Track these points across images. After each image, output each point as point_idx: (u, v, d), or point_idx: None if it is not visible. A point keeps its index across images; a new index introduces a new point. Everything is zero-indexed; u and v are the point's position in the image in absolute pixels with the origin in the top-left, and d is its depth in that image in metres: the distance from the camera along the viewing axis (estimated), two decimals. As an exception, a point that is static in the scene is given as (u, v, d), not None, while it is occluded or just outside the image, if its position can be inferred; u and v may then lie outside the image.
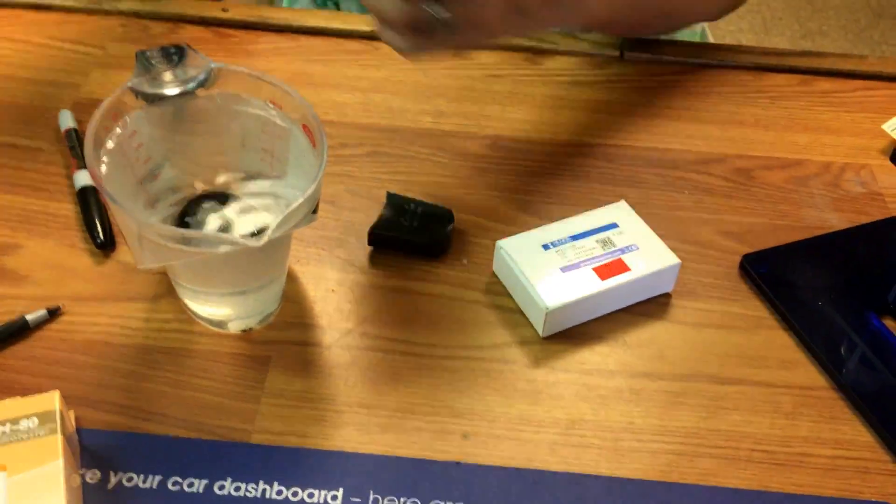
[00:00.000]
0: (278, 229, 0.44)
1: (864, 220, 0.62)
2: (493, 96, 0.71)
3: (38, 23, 0.74)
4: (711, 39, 0.93)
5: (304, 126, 0.51)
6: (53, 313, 0.52)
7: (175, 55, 0.54)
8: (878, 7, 2.38)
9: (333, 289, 0.55)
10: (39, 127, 0.64)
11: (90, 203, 0.57)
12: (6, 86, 0.68)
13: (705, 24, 0.91)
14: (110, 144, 0.50)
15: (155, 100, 0.52)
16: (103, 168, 0.48)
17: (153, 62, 0.53)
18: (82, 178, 0.59)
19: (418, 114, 0.69)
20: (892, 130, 0.68)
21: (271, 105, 0.53)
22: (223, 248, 0.44)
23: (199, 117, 0.54)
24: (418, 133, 0.67)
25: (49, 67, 0.70)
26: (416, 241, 0.57)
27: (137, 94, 0.51)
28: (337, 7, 0.92)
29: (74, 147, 0.61)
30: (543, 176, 0.64)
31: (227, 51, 0.73)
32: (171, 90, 0.52)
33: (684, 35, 0.88)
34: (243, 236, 0.45)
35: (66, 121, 0.63)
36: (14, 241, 0.56)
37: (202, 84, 0.53)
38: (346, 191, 0.62)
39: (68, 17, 0.75)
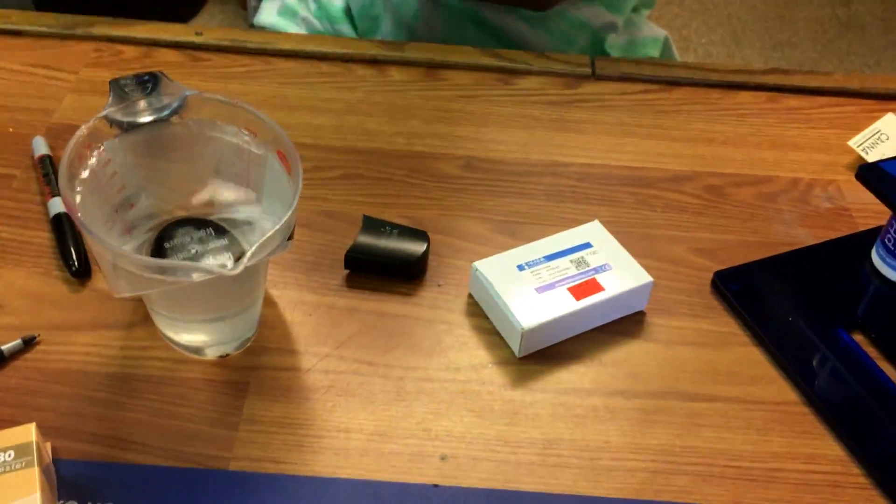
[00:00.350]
0: (254, 257, 0.44)
1: (833, 235, 0.63)
2: (466, 117, 0.72)
3: (11, 48, 0.74)
4: (677, 54, 0.94)
5: (279, 152, 0.51)
6: (29, 342, 0.52)
7: (149, 83, 0.54)
8: (846, 18, 2.42)
9: (310, 313, 0.56)
10: (12, 154, 0.64)
11: (65, 231, 0.57)
12: (-21, 113, 0.67)
13: (668, 38, 0.92)
14: (85, 173, 0.50)
15: (129, 128, 0.52)
16: (78, 198, 0.48)
17: (127, 90, 0.53)
18: (56, 206, 0.59)
19: (393, 135, 0.69)
20: (858, 146, 0.69)
21: (245, 132, 0.53)
22: (199, 277, 0.44)
23: (174, 144, 0.54)
24: (393, 155, 0.67)
25: (22, 93, 0.69)
26: (392, 263, 0.58)
27: (112, 122, 0.51)
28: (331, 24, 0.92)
29: (48, 174, 0.61)
30: (518, 196, 0.65)
31: (202, 75, 0.73)
32: (145, 118, 0.52)
33: (647, 48, 0.90)
34: (219, 265, 0.45)
35: (40, 147, 0.63)
36: (-12, 270, 0.56)
37: (176, 111, 0.53)
38: (321, 214, 0.62)
39: (41, 42, 0.75)
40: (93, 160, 0.51)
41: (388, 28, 0.88)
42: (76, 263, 0.56)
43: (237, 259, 0.45)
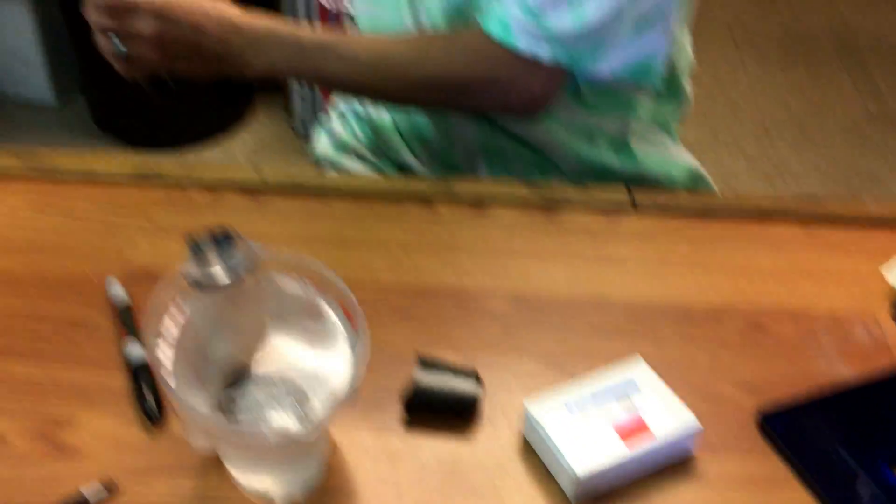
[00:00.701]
0: (325, 417, 0.48)
1: (873, 369, 0.65)
2: (512, 252, 0.75)
3: (90, 193, 0.79)
4: (712, 182, 0.97)
5: (344, 308, 0.55)
6: (109, 489, 0.55)
7: (223, 241, 0.59)
8: (878, 112, 2.46)
9: (370, 454, 0.58)
10: (90, 296, 0.69)
11: (142, 377, 0.61)
12: (61, 260, 0.73)
13: (698, 167, 0.96)
14: (164, 328, 0.54)
15: (206, 288, 0.56)
16: (158, 352, 0.52)
17: (203, 248, 0.58)
18: (133, 351, 0.63)
19: (443, 273, 0.73)
20: (892, 276, 0.71)
21: (313, 287, 0.57)
22: (275, 440, 0.48)
23: (246, 300, 0.58)
24: (445, 293, 0.71)
25: (99, 239, 0.75)
26: (448, 405, 0.60)
27: (189, 280, 0.56)
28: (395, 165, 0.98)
29: (124, 318, 0.65)
30: (564, 332, 0.68)
31: (264, 217, 0.78)
32: (221, 280, 0.57)
33: (676, 171, 0.93)
34: (294, 428, 0.49)
35: (115, 291, 0.68)
36: (70, 416, 0.60)
37: (249, 270, 0.58)
38: (376, 352, 0.65)
39: (116, 188, 0.80)
40: (171, 316, 0.55)
41: (433, 135, 0.93)
42: (153, 410, 0.59)
43: (305, 411, 0.48)
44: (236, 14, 0.78)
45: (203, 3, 0.76)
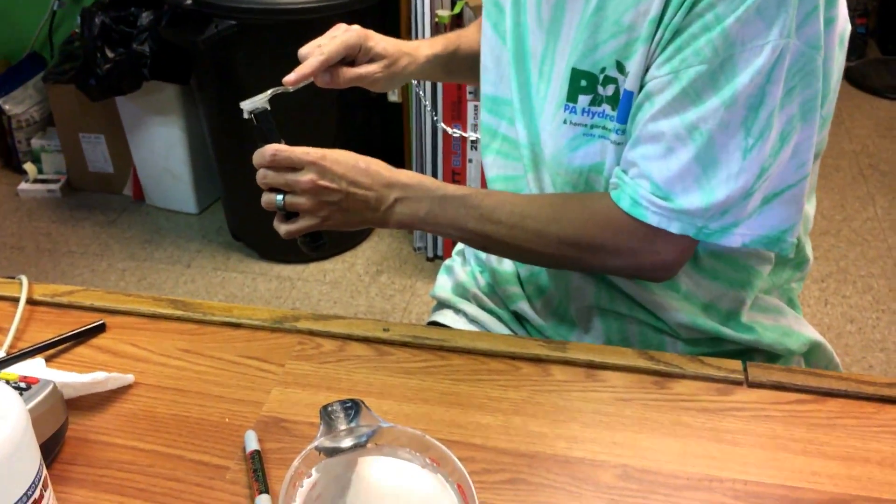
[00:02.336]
0: None
1: None
2: (623, 422, 0.77)
3: (230, 339, 0.87)
4: (836, 358, 0.96)
5: (459, 486, 0.59)
6: None
7: (351, 409, 0.64)
8: None
9: None
10: (227, 444, 0.75)
11: (268, 530, 0.66)
12: (202, 402, 0.79)
13: (819, 339, 0.95)
14: (297, 496, 0.59)
15: (333, 453, 0.61)
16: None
17: (333, 417, 0.63)
18: (263, 503, 0.68)
19: (555, 439, 0.75)
20: None
21: (430, 461, 0.61)
22: None
23: (366, 469, 0.62)
24: (555, 460, 0.73)
25: (237, 384, 0.81)
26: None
27: (321, 450, 0.61)
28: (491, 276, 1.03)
29: (257, 470, 0.71)
30: (672, 512, 0.69)
31: (386, 368, 0.83)
32: (347, 443, 0.61)
33: (799, 347, 0.93)
34: None
35: (251, 442, 0.73)
36: (202, 562, 0.65)
37: (371, 438, 0.62)
38: (488, 521, 0.68)
39: (254, 334, 0.88)
40: (304, 484, 0.60)
41: (552, 288, 0.96)
42: (276, 565, 0.63)
43: None
44: (386, 168, 0.86)
45: (357, 158, 0.85)
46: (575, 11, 0.83)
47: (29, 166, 2.72)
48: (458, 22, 2.00)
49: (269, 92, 0.89)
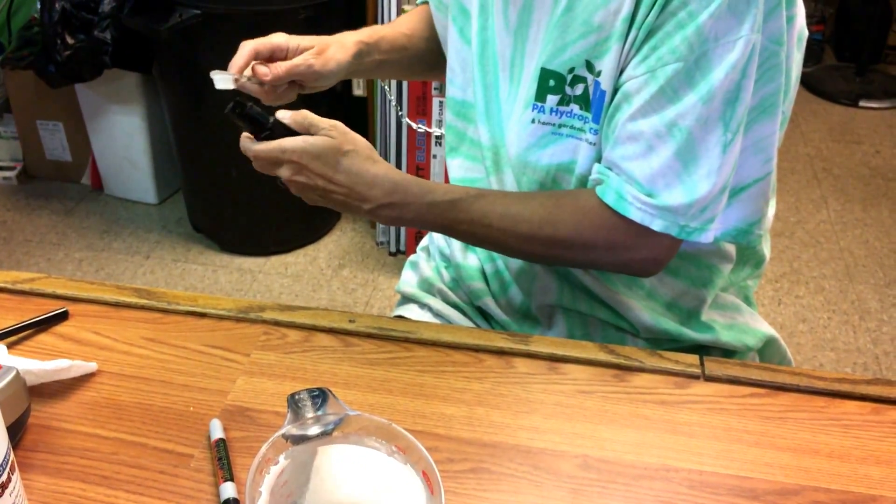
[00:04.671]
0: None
1: (939, 566, 0.65)
2: (583, 413, 0.79)
3: (195, 329, 0.87)
4: (789, 354, 0.99)
5: (425, 474, 0.60)
6: None
7: (318, 398, 0.65)
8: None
9: None
10: (192, 433, 0.75)
11: (233, 517, 0.66)
12: (166, 391, 0.79)
13: (773, 335, 0.98)
14: (264, 481, 0.59)
15: (300, 441, 0.62)
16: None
17: (300, 405, 0.64)
18: (227, 491, 0.68)
19: (517, 429, 0.77)
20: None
21: (395, 448, 0.62)
22: None
23: (334, 461, 0.63)
24: (517, 450, 0.75)
25: (201, 373, 0.81)
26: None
27: (287, 438, 0.61)
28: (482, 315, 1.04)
29: (222, 458, 0.71)
30: (629, 500, 0.71)
31: (351, 359, 0.84)
32: (314, 430, 0.62)
33: (755, 342, 0.96)
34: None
35: (216, 431, 0.74)
36: (166, 549, 0.65)
37: (337, 426, 0.63)
38: (451, 509, 0.69)
39: (219, 323, 0.88)
40: (271, 471, 0.60)
41: (516, 286, 0.98)
42: (241, 551, 0.64)
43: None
44: (371, 162, 0.84)
45: (339, 155, 0.82)
46: (543, 13, 0.84)
47: (-17, 153, 2.67)
48: (424, 18, 2.01)
49: (234, 73, 0.88)
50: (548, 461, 0.74)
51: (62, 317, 0.87)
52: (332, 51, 0.95)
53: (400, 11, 2.02)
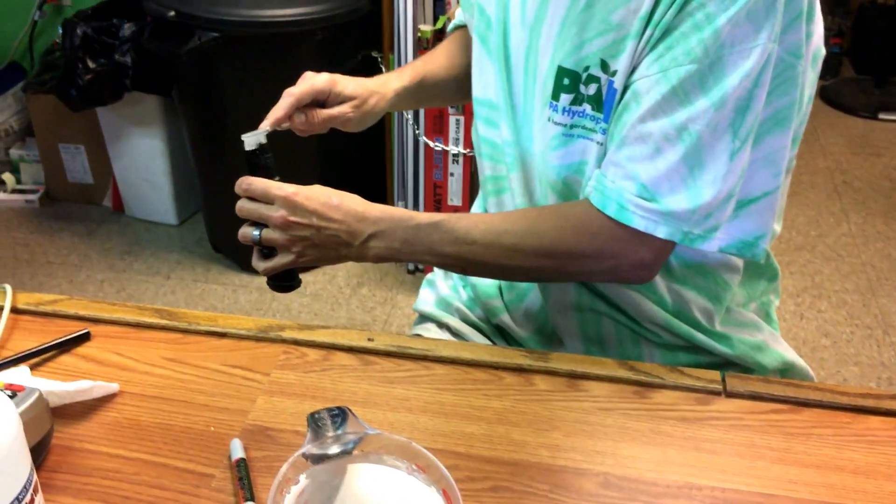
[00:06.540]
0: None
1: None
2: (604, 431, 0.78)
3: (215, 348, 0.87)
4: (811, 373, 0.98)
5: (445, 493, 0.59)
6: None
7: (338, 417, 0.65)
8: None
9: None
10: (213, 453, 0.75)
11: (254, 537, 0.66)
12: (187, 411, 0.80)
13: (794, 359, 0.97)
14: (285, 502, 0.59)
15: (321, 460, 0.62)
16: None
17: (320, 424, 0.64)
18: (248, 512, 0.68)
19: (537, 447, 0.76)
20: None
21: (416, 467, 0.62)
22: None
23: (352, 479, 0.63)
24: (538, 468, 0.74)
25: (221, 393, 0.82)
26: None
27: (308, 457, 0.61)
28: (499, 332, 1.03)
29: (243, 478, 0.71)
30: (653, 519, 0.70)
31: (371, 377, 0.84)
32: (334, 450, 0.62)
33: (773, 363, 0.95)
34: None
35: (237, 450, 0.74)
36: (187, 569, 0.65)
37: (357, 444, 0.63)
38: (472, 528, 0.69)
39: (239, 343, 0.88)
40: (292, 490, 0.60)
41: (533, 298, 0.97)
42: (262, 572, 0.64)
43: None
44: (360, 203, 0.86)
45: (330, 194, 0.85)
46: (558, 8, 0.84)
47: (7, 176, 2.70)
48: (440, 37, 2.02)
49: (267, 128, 0.90)
50: (569, 479, 0.73)
51: (84, 338, 0.88)
52: (372, 103, 0.98)
53: (416, 33, 2.04)
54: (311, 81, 0.94)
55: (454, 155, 2.10)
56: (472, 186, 2.15)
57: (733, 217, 0.82)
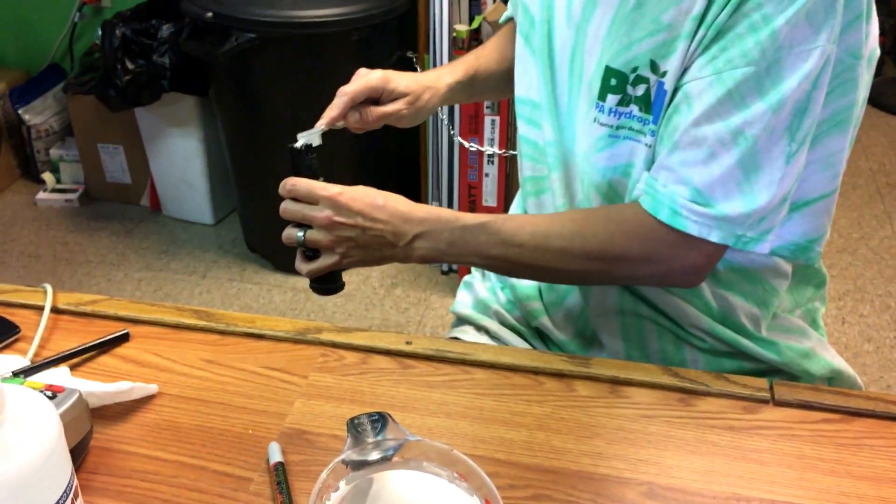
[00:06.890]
0: None
1: None
2: (647, 438, 0.76)
3: (253, 350, 0.87)
4: (860, 382, 0.95)
5: (487, 501, 0.58)
6: None
7: (378, 422, 0.64)
8: None
9: None
10: (251, 456, 0.74)
11: (292, 543, 0.65)
12: (225, 413, 0.79)
13: (842, 366, 0.94)
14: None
15: (360, 466, 0.61)
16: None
17: (360, 430, 0.63)
18: (286, 516, 0.68)
19: (579, 455, 0.75)
20: None
21: (457, 475, 0.60)
22: None
23: (392, 486, 0.62)
24: (580, 476, 0.73)
25: (259, 395, 0.81)
26: None
27: (347, 463, 0.60)
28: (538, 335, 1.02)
29: (281, 482, 0.70)
30: (699, 530, 0.68)
31: (409, 381, 0.83)
32: (374, 456, 0.61)
33: (821, 371, 0.92)
34: None
35: (275, 454, 0.73)
36: (226, 574, 0.65)
37: (397, 451, 0.62)
38: (513, 537, 0.67)
39: (277, 345, 0.88)
40: (332, 497, 0.59)
41: (574, 300, 0.96)
42: (301, 578, 0.63)
43: None
44: (405, 203, 0.84)
45: (375, 195, 0.84)
46: (607, 7, 0.82)
47: (47, 176, 2.74)
48: (475, 37, 2.01)
49: (323, 126, 0.90)
50: (611, 489, 0.72)
51: (123, 338, 0.88)
52: (426, 99, 0.97)
53: (452, 33, 2.03)
54: (366, 79, 0.93)
55: (489, 155, 2.08)
56: (507, 187, 2.13)
57: (787, 219, 0.80)
